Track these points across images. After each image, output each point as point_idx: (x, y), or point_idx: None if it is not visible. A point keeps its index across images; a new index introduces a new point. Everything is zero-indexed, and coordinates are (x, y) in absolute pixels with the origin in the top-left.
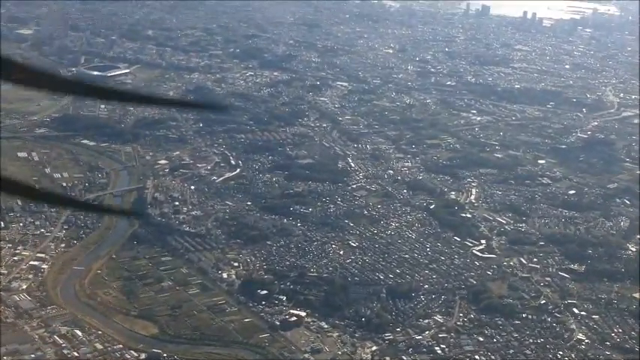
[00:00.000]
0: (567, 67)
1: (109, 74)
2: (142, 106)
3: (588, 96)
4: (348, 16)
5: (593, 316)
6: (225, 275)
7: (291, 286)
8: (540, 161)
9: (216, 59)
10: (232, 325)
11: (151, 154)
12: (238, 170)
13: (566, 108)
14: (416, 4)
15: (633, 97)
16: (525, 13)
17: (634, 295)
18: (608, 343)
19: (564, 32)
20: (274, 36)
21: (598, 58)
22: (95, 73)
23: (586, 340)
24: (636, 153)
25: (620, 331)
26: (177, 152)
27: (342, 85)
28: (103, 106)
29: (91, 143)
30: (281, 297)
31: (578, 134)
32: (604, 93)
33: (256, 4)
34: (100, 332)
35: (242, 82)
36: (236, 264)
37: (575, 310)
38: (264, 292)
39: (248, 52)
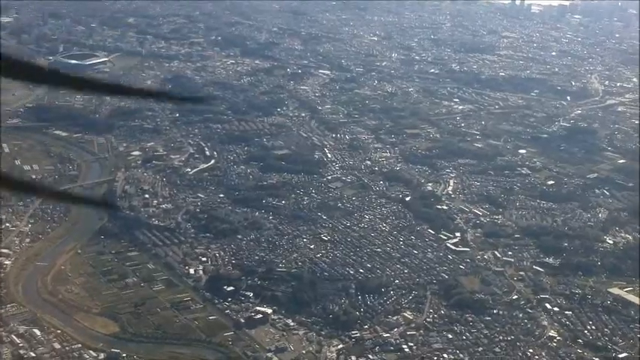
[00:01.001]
0: (554, 54)
1: (87, 62)
2: (117, 97)
3: (573, 84)
4: (335, 3)
5: (566, 312)
6: (192, 271)
7: (259, 282)
8: (521, 151)
9: (197, 47)
10: (196, 322)
11: (124, 144)
12: (213, 161)
13: (550, 96)
14: None
15: (618, 84)
16: None
17: (609, 289)
18: (580, 341)
19: (553, 19)
20: (258, 23)
21: (585, 45)
22: (73, 61)
23: (557, 338)
24: (618, 142)
25: (593, 327)
26: (152, 143)
27: (324, 74)
28: (78, 95)
29: (64, 134)
30: (248, 293)
31: (561, 123)
32: (589, 80)
33: None
34: (59, 331)
35: (222, 70)
36: (204, 259)
37: (548, 306)
38: (231, 288)
39: (230, 40)
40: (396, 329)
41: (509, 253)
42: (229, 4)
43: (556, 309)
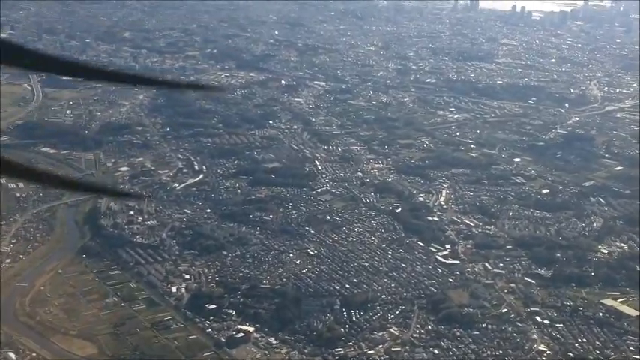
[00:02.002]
0: (553, 60)
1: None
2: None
3: (572, 90)
4: (333, 13)
5: (557, 325)
6: (174, 289)
7: (242, 299)
8: (516, 160)
9: (191, 60)
10: (176, 342)
11: (112, 160)
12: (201, 176)
13: (548, 103)
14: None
15: (618, 90)
16: (514, 6)
17: (602, 300)
18: (570, 354)
19: (554, 25)
20: (255, 35)
21: (585, 51)
22: (64, 77)
23: (547, 351)
24: (616, 148)
25: (585, 340)
26: (140, 158)
27: (318, 85)
28: (69, 111)
29: (52, 151)
30: (230, 311)
31: (558, 130)
32: (588, 87)
33: (240, 3)
34: (34, 354)
35: (216, 83)
36: (187, 276)
37: (538, 319)
38: (213, 306)
39: (226, 53)
40: (381, 345)
41: (501, 264)
42: (226, 17)
43: (546, 322)
